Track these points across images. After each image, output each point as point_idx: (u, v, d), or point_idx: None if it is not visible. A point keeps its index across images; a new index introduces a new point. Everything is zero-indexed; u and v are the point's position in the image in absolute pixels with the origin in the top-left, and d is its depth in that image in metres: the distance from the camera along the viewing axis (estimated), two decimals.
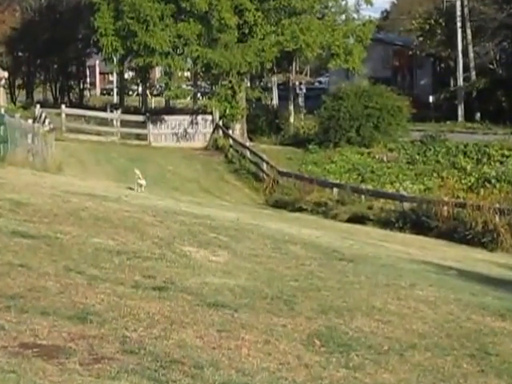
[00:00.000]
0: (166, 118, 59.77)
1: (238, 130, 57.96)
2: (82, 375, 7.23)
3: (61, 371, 7.24)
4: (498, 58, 69.21)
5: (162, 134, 58.13)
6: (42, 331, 8.43)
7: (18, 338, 8.04)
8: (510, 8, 66.38)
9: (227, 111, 57.71)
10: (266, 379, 7.99)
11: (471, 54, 68.46)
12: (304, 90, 68.80)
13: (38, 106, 59.03)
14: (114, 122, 58.88)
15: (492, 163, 45.13)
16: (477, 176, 43.10)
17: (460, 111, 65.36)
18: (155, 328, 9.22)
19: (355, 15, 62.37)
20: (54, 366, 7.35)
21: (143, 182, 35.32)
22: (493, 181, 41.69)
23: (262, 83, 65.30)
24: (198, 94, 65.29)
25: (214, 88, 60.62)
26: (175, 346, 8.64)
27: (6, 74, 57.54)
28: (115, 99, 79.11)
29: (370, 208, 38.54)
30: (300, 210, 39.02)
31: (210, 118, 58.68)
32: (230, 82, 57.98)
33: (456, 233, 32.52)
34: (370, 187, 41.97)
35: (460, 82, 67.85)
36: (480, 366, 9.62)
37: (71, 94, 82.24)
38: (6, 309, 8.97)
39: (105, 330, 8.81)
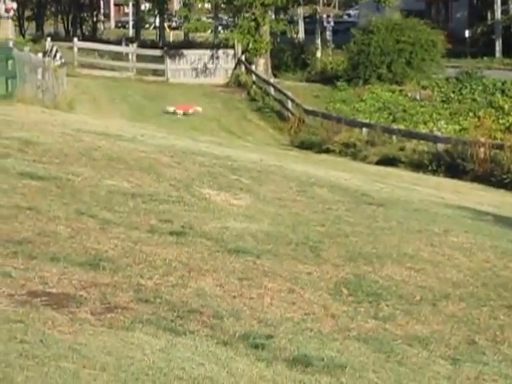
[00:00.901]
0: (184, 52, 59.73)
1: (261, 66, 57.87)
2: (93, 325, 7.25)
3: (71, 321, 7.26)
4: None
5: (181, 69, 58.11)
6: (52, 278, 8.44)
7: (25, 286, 8.05)
8: None
9: (250, 45, 57.63)
10: (290, 330, 8.00)
11: None
12: (332, 24, 68.61)
13: (49, 39, 59.11)
14: (130, 57, 58.89)
15: None
16: None
17: (498, 46, 65.03)
18: (172, 275, 9.23)
19: None
20: (63, 316, 7.36)
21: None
22: None
23: (287, 15, 65.04)
24: (219, 27, 65.13)
25: (236, 20, 60.43)
26: (193, 295, 8.64)
27: (14, 5, 57.47)
28: (131, 32, 79.02)
29: (401, 149, 38.42)
30: (327, 151, 39.01)
31: (231, 52, 58.67)
32: (254, 13, 57.79)
33: (493, 176, 32.42)
34: (401, 127, 41.84)
35: (498, 15, 67.51)
36: None
37: (84, 27, 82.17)
38: (14, 255, 8.97)
39: (118, 278, 8.82)
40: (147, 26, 77.82)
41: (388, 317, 8.94)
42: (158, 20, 72.17)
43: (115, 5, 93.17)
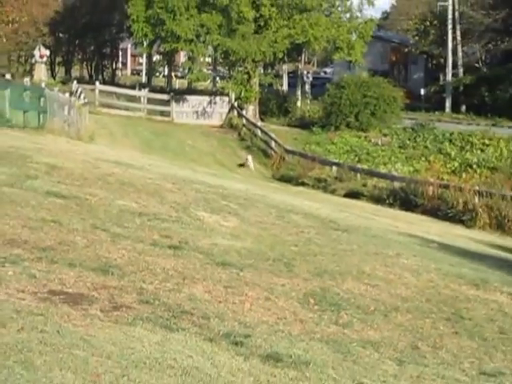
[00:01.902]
0: (187, 97, 59.76)
1: (250, 111, 57.95)
2: (102, 320, 7.30)
3: (84, 316, 7.30)
4: (483, 58, 69.17)
5: (184, 111, 58.09)
6: (69, 280, 8.48)
7: (47, 286, 8.08)
8: (495, 14, 66.32)
9: (242, 94, 57.81)
10: (265, 331, 8.03)
11: (460, 53, 68.38)
12: (311, 79, 68.68)
13: (75, 81, 59.07)
14: (142, 99, 58.87)
15: (474, 150, 45.09)
16: (460, 161, 43.08)
17: (447, 103, 65.25)
18: (169, 282, 9.27)
19: (358, 14, 62.35)
20: (77, 312, 7.41)
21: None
22: (474, 166, 41.70)
23: (273, 70, 65.13)
24: (217, 78, 65.08)
25: (231, 73, 60.54)
26: (186, 299, 8.69)
27: (47, 52, 57.56)
28: (143, 79, 79.04)
29: (364, 185, 38.57)
30: (302, 184, 39.06)
31: (226, 99, 58.72)
32: (246, 68, 58.04)
33: (439, 210, 32.54)
34: (365, 167, 41.98)
35: (449, 77, 67.82)
36: (455, 328, 9.66)
37: (105, 73, 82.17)
38: (38, 259, 9.00)
39: (124, 282, 8.86)
40: (157, 74, 77.87)
41: (346, 324, 8.97)
42: (166, 70, 72.16)
43: (132, 55, 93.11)
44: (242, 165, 33.10)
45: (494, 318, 10.51)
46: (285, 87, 69.05)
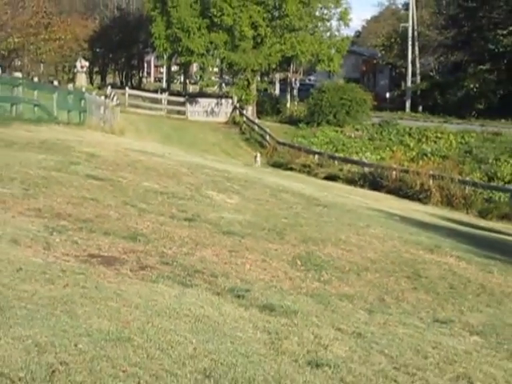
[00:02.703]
0: (199, 100, 59.72)
1: (249, 111, 57.90)
2: (131, 278, 7.33)
3: (116, 275, 7.33)
4: (436, 68, 69.06)
5: (196, 111, 58.03)
6: (104, 246, 8.52)
7: (86, 250, 8.11)
8: (446, 32, 66.29)
9: (243, 97, 57.79)
10: (262, 287, 8.05)
11: (417, 64, 68.32)
12: (298, 85, 68.39)
13: (109, 87, 58.95)
14: (163, 101, 58.77)
15: (429, 142, 45.11)
16: (417, 151, 43.08)
17: (407, 104, 65.18)
18: (184, 247, 9.30)
19: (336, 33, 62.19)
20: (111, 271, 7.44)
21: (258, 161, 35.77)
22: (428, 155, 41.68)
23: (268, 78, 64.99)
24: (223, 84, 64.85)
25: (234, 80, 60.47)
26: (198, 261, 8.71)
27: (87, 64, 57.58)
28: (164, 85, 78.64)
29: (340, 170, 38.57)
30: (291, 169, 39.00)
31: (230, 101, 58.70)
32: (246, 76, 57.95)
33: (400, 190, 32.58)
34: (341, 155, 41.94)
35: (408, 83, 67.77)
36: (413, 285, 9.69)
37: (133, 80, 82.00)
38: (79, 229, 9.03)
39: (149, 247, 8.89)
40: (175, 81, 77.53)
41: (327, 281, 8.99)
42: (182, 77, 71.83)
43: (154, 66, 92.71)
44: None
45: (445, 277, 10.54)
46: (277, 92, 68.89)
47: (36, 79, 35.18)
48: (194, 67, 67.09)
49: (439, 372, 6.02)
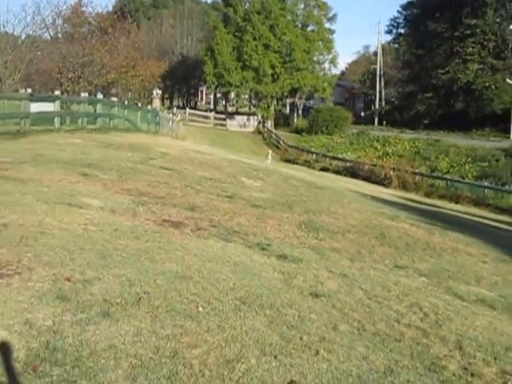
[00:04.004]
0: (235, 116, 59.52)
1: (269, 124, 57.67)
2: (191, 236, 7.31)
3: (181, 233, 7.31)
4: (395, 95, 68.69)
5: (233, 124, 57.82)
6: (173, 214, 8.49)
7: (161, 217, 8.09)
8: (403, 72, 65.85)
9: (264, 115, 57.66)
10: (278, 242, 7.99)
11: (383, 93, 67.89)
12: (301, 107, 67.85)
13: (175, 108, 59.02)
14: (211, 118, 58.59)
15: (390, 146, 44.60)
16: (382, 152, 42.61)
17: (376, 120, 64.70)
18: (226, 215, 9.26)
19: (328, 72, 61.59)
20: (177, 231, 7.42)
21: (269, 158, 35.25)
22: (390, 154, 41.22)
23: (281, 102, 64.58)
24: (251, 106, 64.67)
25: (259, 103, 60.26)
26: (235, 224, 8.67)
27: (160, 92, 57.64)
28: (211, 106, 78.48)
29: (330, 164, 38.44)
30: (297, 163, 38.83)
31: (256, 117, 58.40)
32: (267, 101, 57.82)
33: (371, 178, 32.45)
34: (331, 154, 41.75)
35: (377, 106, 67.44)
36: (380, 242, 9.59)
37: (191, 103, 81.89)
38: (156, 203, 9.02)
39: (202, 215, 8.86)
40: (219, 103, 77.28)
41: (322, 239, 8.92)
42: (224, 101, 71.60)
43: (206, 94, 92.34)
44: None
45: (402, 237, 10.44)
46: (287, 111, 68.57)
47: (126, 102, 35.24)
48: (232, 94, 66.88)
49: (399, 301, 6.00)
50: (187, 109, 63.18)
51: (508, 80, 50.46)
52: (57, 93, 22.05)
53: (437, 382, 4.11)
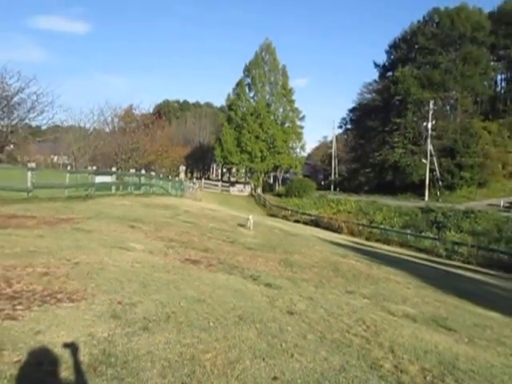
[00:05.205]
0: (236, 184, 59.83)
1: (259, 190, 57.90)
2: (205, 270, 7.18)
3: (198, 269, 7.21)
4: (345, 170, 69.35)
5: (235, 189, 58.00)
6: (192, 254, 8.38)
7: (184, 257, 7.99)
8: (352, 153, 66.64)
9: (256, 183, 58.06)
10: (265, 274, 7.84)
11: (336, 169, 68.73)
12: (281, 177, 68.51)
13: (194, 178, 59.67)
14: (219, 185, 58.94)
15: (341, 205, 44.68)
16: (336, 209, 42.66)
17: (332, 187, 65.12)
18: (229, 255, 9.14)
19: (299, 154, 62.71)
20: (195, 267, 7.32)
21: (250, 223, 35.03)
22: (341, 210, 41.30)
23: (267, 174, 65.16)
24: (247, 177, 65.14)
25: (252, 176, 60.68)
26: (235, 262, 8.53)
27: (184, 167, 57.95)
28: (220, 177, 78.98)
29: (301, 217, 38.25)
30: (278, 217, 38.79)
31: (250, 185, 58.82)
32: (257, 174, 58.35)
33: (329, 227, 32.37)
34: (300, 210, 41.72)
35: (332, 177, 68.08)
36: (335, 274, 9.46)
37: (205, 175, 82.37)
38: (180, 246, 8.95)
39: (213, 255, 8.75)
40: (225, 175, 77.76)
41: (295, 271, 8.80)
42: (228, 174, 71.77)
43: (216, 169, 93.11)
44: (242, 225, 26.80)
45: (351, 270, 10.35)
46: (271, 181, 68.99)
47: (161, 175, 35.47)
48: (234, 169, 67.51)
49: (349, 317, 5.92)
50: (203, 179, 63.58)
51: (423, 160, 51.37)
52: (113, 169, 22.27)
53: (376, 376, 4.05)
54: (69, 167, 30.94)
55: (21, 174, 14.47)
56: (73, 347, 3.45)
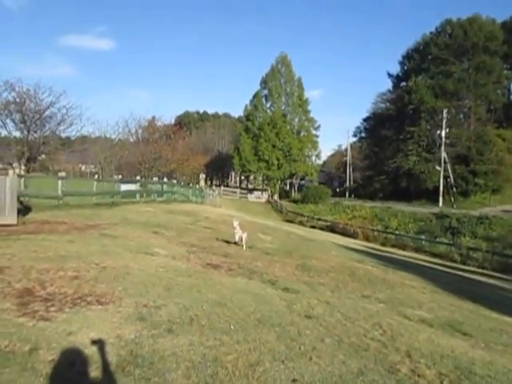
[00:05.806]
0: (254, 191, 59.78)
1: (276, 196, 57.77)
2: (225, 275, 7.18)
3: (219, 273, 7.22)
4: (360, 177, 68.82)
5: (252, 196, 57.96)
6: (213, 259, 8.40)
7: (205, 261, 8.02)
8: (366, 161, 66.17)
9: (272, 190, 57.98)
10: (283, 279, 7.81)
11: (351, 176, 68.24)
12: (297, 185, 68.29)
13: (214, 186, 59.82)
14: (238, 192, 59.05)
15: (356, 211, 44.27)
16: (351, 215, 42.25)
17: (347, 194, 64.63)
18: (248, 260, 9.13)
19: (315, 162, 62.25)
20: (216, 271, 7.34)
21: (239, 235, 34.84)
22: (357, 216, 40.87)
23: (284, 182, 65.00)
24: (264, 184, 65.10)
25: (269, 183, 60.63)
26: (254, 266, 8.51)
27: (204, 175, 58.47)
28: (238, 185, 79.12)
29: (317, 223, 37.99)
30: (294, 223, 38.63)
31: (267, 192, 58.77)
32: (274, 181, 58.24)
33: (344, 233, 32.10)
34: (317, 216, 41.45)
35: (347, 184, 67.56)
36: (351, 278, 9.36)
37: (224, 182, 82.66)
38: (202, 251, 8.98)
39: (233, 260, 8.75)
40: (242, 183, 78.03)
41: (312, 276, 8.74)
42: (246, 181, 71.88)
43: (234, 177, 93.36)
44: (235, 242, 23.12)
45: (366, 275, 10.22)
46: (288, 188, 68.80)
47: (182, 183, 35.77)
48: (251, 177, 67.58)
49: (365, 321, 5.85)
50: (222, 187, 63.87)
51: (437, 167, 50.63)
52: (138, 177, 22.58)
53: (394, 381, 4.00)
54: (96, 176, 31.48)
55: (52, 183, 14.81)
56: (102, 348, 3.51)
